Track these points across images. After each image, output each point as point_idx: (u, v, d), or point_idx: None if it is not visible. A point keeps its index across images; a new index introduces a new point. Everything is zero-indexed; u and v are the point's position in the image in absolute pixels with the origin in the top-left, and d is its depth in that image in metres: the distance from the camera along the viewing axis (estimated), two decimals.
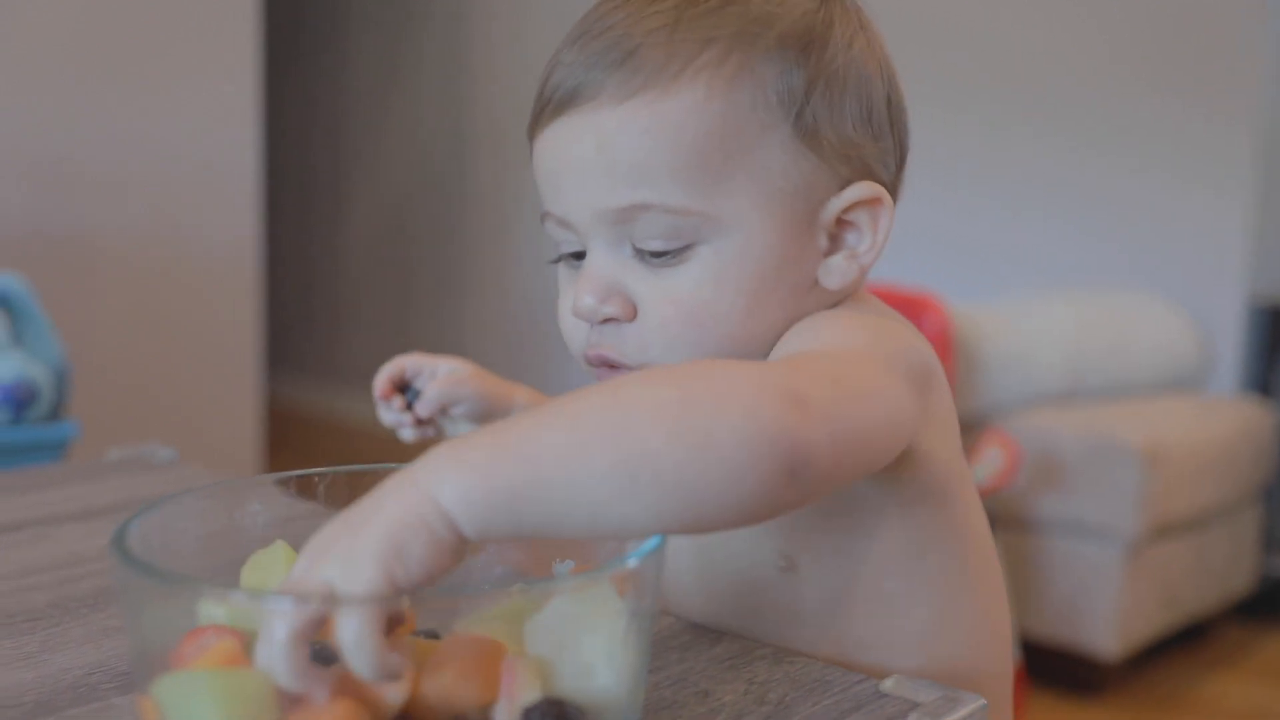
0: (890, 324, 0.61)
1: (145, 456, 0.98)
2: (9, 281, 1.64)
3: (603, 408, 0.46)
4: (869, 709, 0.53)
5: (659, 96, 0.57)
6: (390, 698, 0.42)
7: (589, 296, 0.60)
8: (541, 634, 0.45)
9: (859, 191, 0.60)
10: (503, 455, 0.45)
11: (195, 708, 0.39)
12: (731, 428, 0.45)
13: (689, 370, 0.48)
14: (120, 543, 0.45)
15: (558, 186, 0.61)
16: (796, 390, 0.47)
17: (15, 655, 0.57)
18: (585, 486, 0.44)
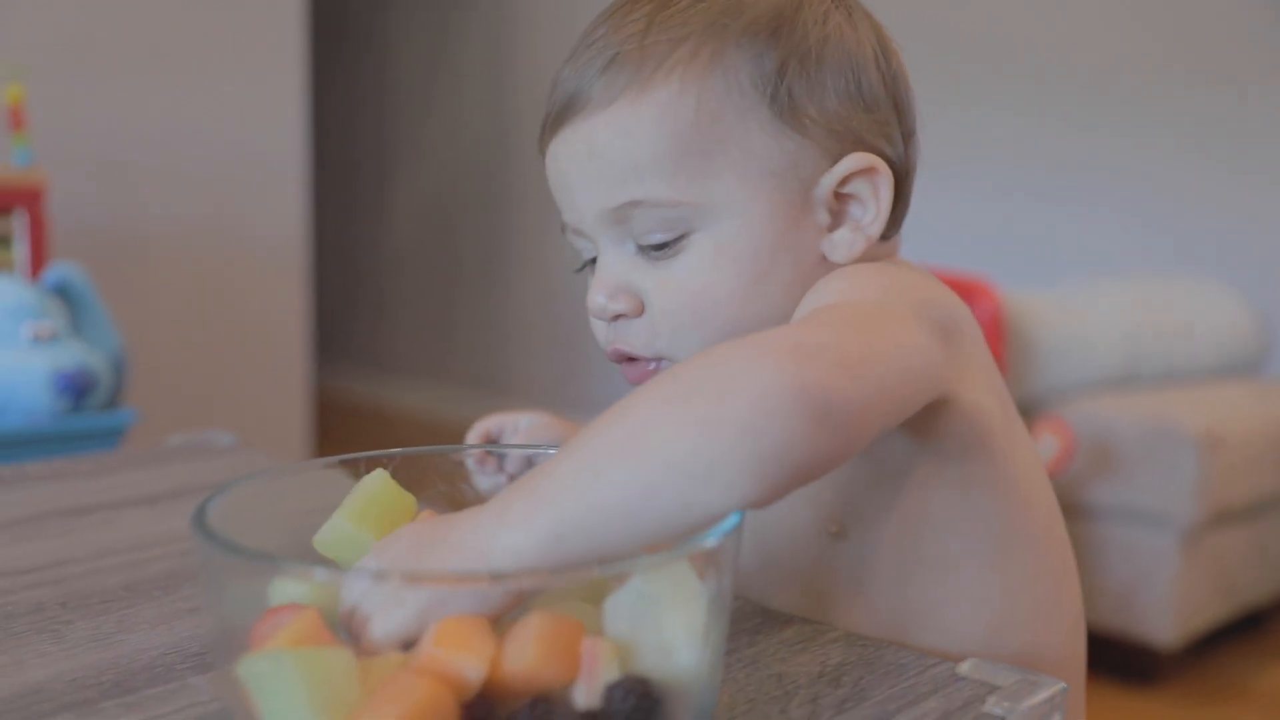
0: (909, 276, 0.60)
1: (207, 442, 0.99)
2: (69, 272, 1.66)
3: (617, 418, 0.47)
4: (946, 692, 0.52)
5: (637, 97, 0.59)
6: (470, 676, 0.42)
7: (599, 296, 0.63)
8: (620, 614, 0.44)
9: (851, 163, 0.60)
10: (537, 501, 0.46)
11: (283, 687, 0.40)
12: (736, 397, 0.45)
13: (691, 360, 0.48)
14: (201, 521, 0.45)
15: (565, 196, 0.64)
16: (798, 342, 0.48)
17: (91, 636, 0.58)
18: (613, 503, 0.45)
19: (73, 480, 0.88)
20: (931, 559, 0.60)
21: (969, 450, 0.59)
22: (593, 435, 0.47)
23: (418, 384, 4.45)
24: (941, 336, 0.56)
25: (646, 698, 0.42)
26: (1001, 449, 0.60)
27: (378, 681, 0.41)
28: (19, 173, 1.95)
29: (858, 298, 0.56)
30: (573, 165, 0.62)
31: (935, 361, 0.55)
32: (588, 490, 0.45)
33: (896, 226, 0.66)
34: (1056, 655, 0.62)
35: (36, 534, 0.75)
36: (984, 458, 0.59)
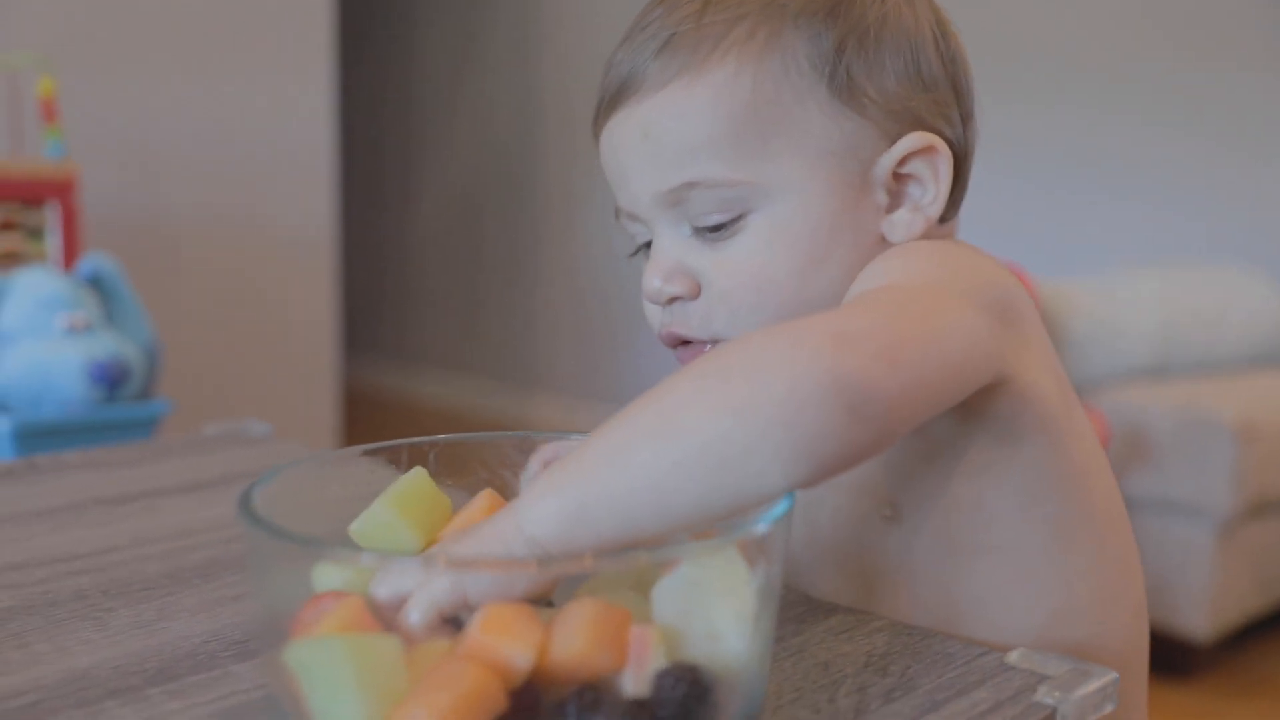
0: (965, 255, 0.59)
1: (243, 431, 0.99)
2: (102, 263, 1.66)
3: (652, 401, 0.47)
4: (996, 682, 0.52)
5: (693, 79, 0.59)
6: (519, 664, 0.41)
7: (654, 279, 0.62)
8: (668, 601, 0.44)
9: (909, 143, 0.60)
10: (570, 472, 0.46)
11: (331, 673, 0.39)
12: (769, 386, 0.45)
13: (731, 344, 0.48)
14: (248, 506, 0.45)
15: (619, 179, 0.64)
16: (840, 329, 0.47)
17: (134, 623, 0.58)
18: (642, 481, 0.45)
19: (111, 469, 0.88)
20: (986, 545, 0.59)
21: (1027, 434, 0.58)
22: (628, 415, 0.47)
23: (444, 376, 4.46)
24: (997, 318, 0.56)
25: (697, 685, 0.41)
26: (1061, 433, 0.59)
27: (425, 669, 0.41)
28: (51, 165, 1.96)
29: (908, 279, 0.56)
30: (627, 148, 0.62)
31: (987, 344, 0.54)
32: (617, 466, 0.46)
33: (955, 209, 0.65)
34: (1117, 647, 0.61)
35: (76, 522, 0.75)
36: (1043, 442, 0.58)
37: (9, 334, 1.57)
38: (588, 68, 3.82)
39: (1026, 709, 0.49)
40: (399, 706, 0.39)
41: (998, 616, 0.59)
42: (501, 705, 0.40)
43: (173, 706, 0.48)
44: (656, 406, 0.47)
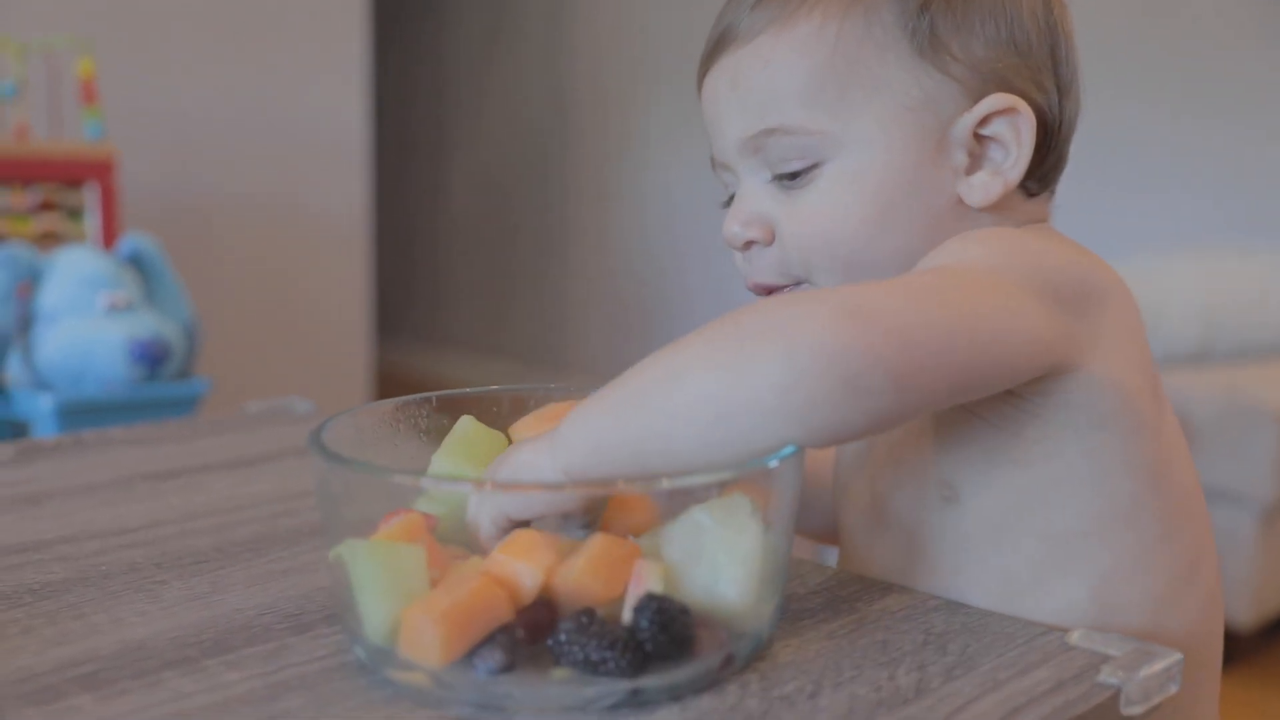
0: (1039, 243, 0.59)
1: (286, 408, 0.99)
2: (142, 243, 1.67)
3: (666, 353, 0.51)
4: (1057, 662, 0.51)
5: (780, 30, 0.61)
6: (527, 583, 0.46)
7: (733, 225, 0.64)
8: (676, 541, 0.48)
9: (991, 104, 0.60)
10: (597, 405, 0.51)
11: (361, 571, 0.47)
12: (767, 349, 0.47)
13: (753, 305, 0.51)
14: (318, 441, 0.51)
15: (713, 129, 0.66)
16: (856, 304, 0.49)
17: (188, 596, 0.58)
18: (649, 427, 0.49)
19: (157, 445, 0.88)
20: (1044, 531, 0.58)
21: (1098, 423, 0.57)
22: (651, 360, 0.51)
23: (475, 359, 4.47)
24: (1070, 307, 0.56)
25: (661, 614, 0.45)
26: (1137, 424, 0.58)
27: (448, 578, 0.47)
28: (90, 146, 1.97)
29: (965, 262, 0.56)
30: (720, 97, 0.64)
31: (1041, 331, 0.54)
32: (632, 408, 0.50)
33: (1047, 184, 0.65)
34: (1179, 639, 0.59)
35: (125, 497, 0.75)
36: (1115, 431, 0.57)
37: (51, 313, 1.58)
38: (619, 52, 3.81)
39: (1090, 689, 0.49)
40: (412, 605, 0.46)
41: (1052, 601, 0.58)
42: (507, 616, 0.46)
43: (231, 677, 0.48)
44: (672, 357, 0.50)
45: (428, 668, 0.46)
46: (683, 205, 3.65)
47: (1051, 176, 0.65)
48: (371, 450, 0.57)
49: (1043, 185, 0.64)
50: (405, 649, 0.46)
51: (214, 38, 2.67)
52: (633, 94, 3.78)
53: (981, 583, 0.59)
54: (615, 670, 0.45)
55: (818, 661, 0.50)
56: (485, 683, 0.46)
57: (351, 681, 0.48)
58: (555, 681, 0.45)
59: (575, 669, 0.45)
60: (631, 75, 3.78)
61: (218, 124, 2.68)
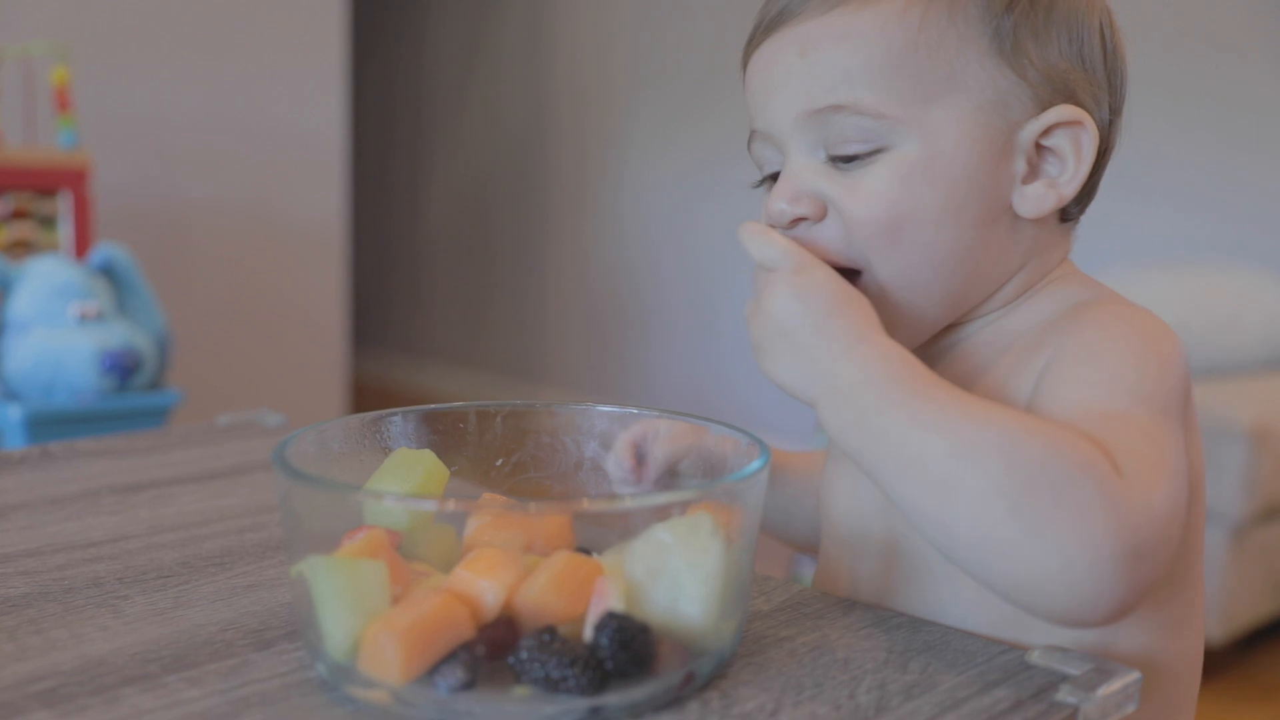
0: (1156, 342, 0.57)
1: (256, 421, 0.99)
2: (114, 252, 1.66)
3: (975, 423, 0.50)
4: (1017, 680, 0.51)
5: (859, 7, 0.59)
6: (489, 600, 0.47)
7: (781, 201, 0.61)
8: (639, 558, 0.48)
9: (1060, 113, 0.59)
10: (891, 391, 0.52)
11: (322, 587, 0.47)
12: (1072, 533, 0.47)
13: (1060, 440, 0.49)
14: (281, 458, 0.51)
15: (763, 99, 0.63)
16: (1132, 503, 0.48)
17: (151, 611, 0.58)
18: (915, 493, 0.50)
19: (125, 457, 0.88)
20: None
21: None
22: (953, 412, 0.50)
23: (452, 370, 4.47)
24: (1184, 423, 0.55)
25: (621, 632, 0.45)
26: (1195, 497, 0.58)
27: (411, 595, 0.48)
28: (64, 154, 1.96)
29: (1135, 393, 0.54)
30: (780, 67, 0.61)
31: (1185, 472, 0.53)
32: (896, 461, 0.51)
33: (1082, 211, 0.64)
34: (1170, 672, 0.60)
35: (91, 510, 0.75)
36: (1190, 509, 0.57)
37: (21, 322, 1.57)
38: (598, 63, 3.82)
39: (1048, 708, 0.49)
40: (373, 622, 0.46)
41: (1053, 637, 0.58)
42: (469, 634, 0.46)
43: (191, 694, 0.48)
44: (975, 434, 0.49)
45: (389, 685, 0.46)
46: (660, 217, 3.65)
47: (1085, 201, 0.64)
48: (337, 465, 0.57)
49: (1078, 209, 0.64)
50: (366, 666, 0.46)
51: (191, 47, 2.66)
52: (611, 105, 3.79)
53: (962, 601, 0.60)
54: (575, 688, 0.45)
55: (779, 679, 0.51)
56: (446, 700, 0.46)
57: (312, 698, 0.48)
58: (516, 699, 0.46)
59: (536, 687, 0.45)
60: (610, 86, 3.79)
61: (194, 131, 2.67)
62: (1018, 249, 0.62)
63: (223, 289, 2.73)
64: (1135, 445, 0.51)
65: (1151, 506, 0.48)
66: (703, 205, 3.48)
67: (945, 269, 0.60)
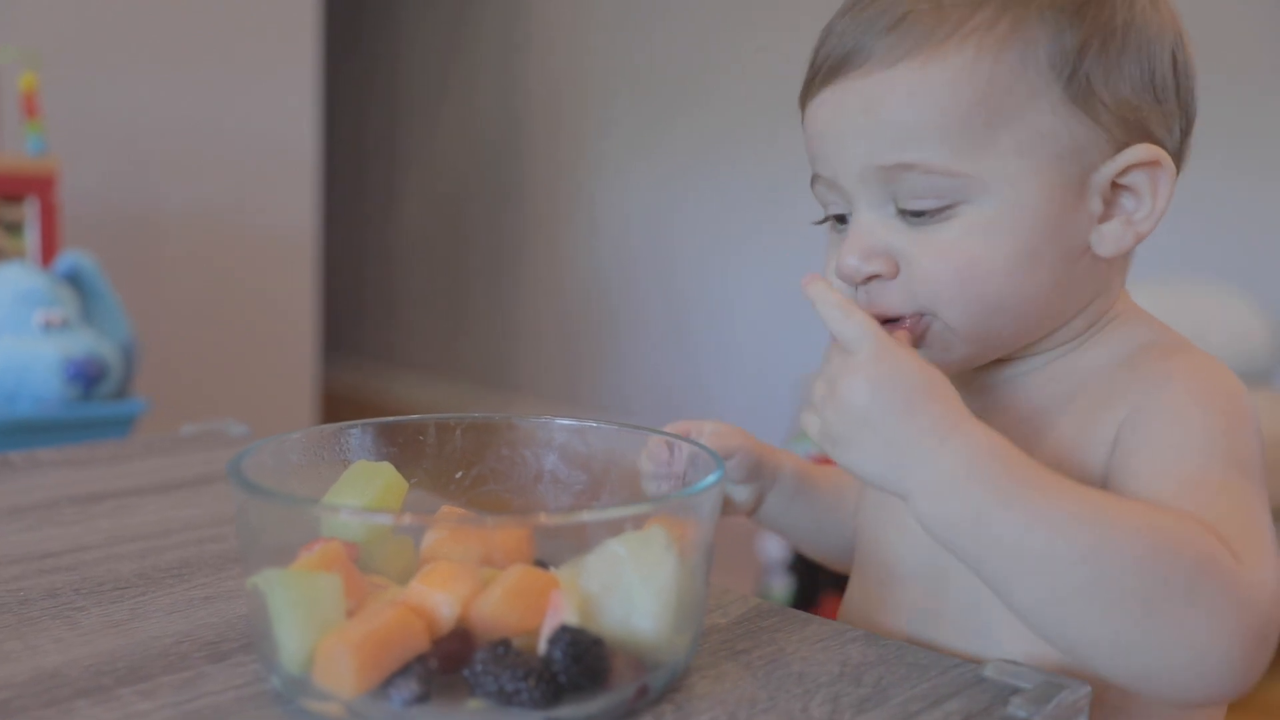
0: (1239, 398, 0.57)
1: (220, 431, 0.98)
2: (80, 260, 1.65)
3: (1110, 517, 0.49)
4: (969, 694, 0.52)
5: (927, 60, 0.57)
6: (445, 613, 0.47)
7: (852, 257, 0.60)
8: (594, 572, 0.48)
9: (1135, 154, 0.58)
10: (1000, 485, 0.50)
11: (275, 600, 0.47)
12: (1203, 631, 0.47)
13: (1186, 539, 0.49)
14: (237, 470, 0.51)
15: (826, 149, 0.61)
16: (1250, 599, 0.48)
17: (105, 623, 0.58)
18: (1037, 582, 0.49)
19: (86, 467, 0.87)
20: None
21: None
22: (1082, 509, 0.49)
23: (426, 379, 4.45)
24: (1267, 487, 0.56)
25: (575, 645, 0.45)
26: None
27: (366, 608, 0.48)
28: (31, 160, 1.95)
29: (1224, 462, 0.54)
30: (845, 120, 0.60)
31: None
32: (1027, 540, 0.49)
33: None
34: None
35: (50, 520, 0.74)
36: None
37: None
38: (574, 71, 3.82)
39: None
40: (328, 635, 0.46)
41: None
42: (422, 646, 0.46)
43: (144, 707, 0.48)
44: (1105, 537, 0.48)
45: (342, 697, 0.46)
46: (636, 226, 3.66)
47: None
48: (296, 478, 0.57)
49: None
50: (320, 678, 0.46)
51: (162, 52, 2.65)
52: (586, 112, 3.80)
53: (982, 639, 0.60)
54: (529, 701, 0.45)
55: (734, 693, 0.51)
56: (400, 713, 0.46)
57: (266, 711, 0.48)
58: (470, 712, 0.46)
59: (489, 700, 0.45)
60: (585, 93, 3.80)
61: (165, 136, 2.66)
62: (1091, 284, 0.61)
63: (194, 296, 2.72)
64: (1240, 520, 0.51)
65: (1267, 585, 0.49)
66: (678, 213, 3.49)
67: (1017, 313, 0.59)
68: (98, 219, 2.48)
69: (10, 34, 2.33)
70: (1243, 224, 2.55)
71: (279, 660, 0.48)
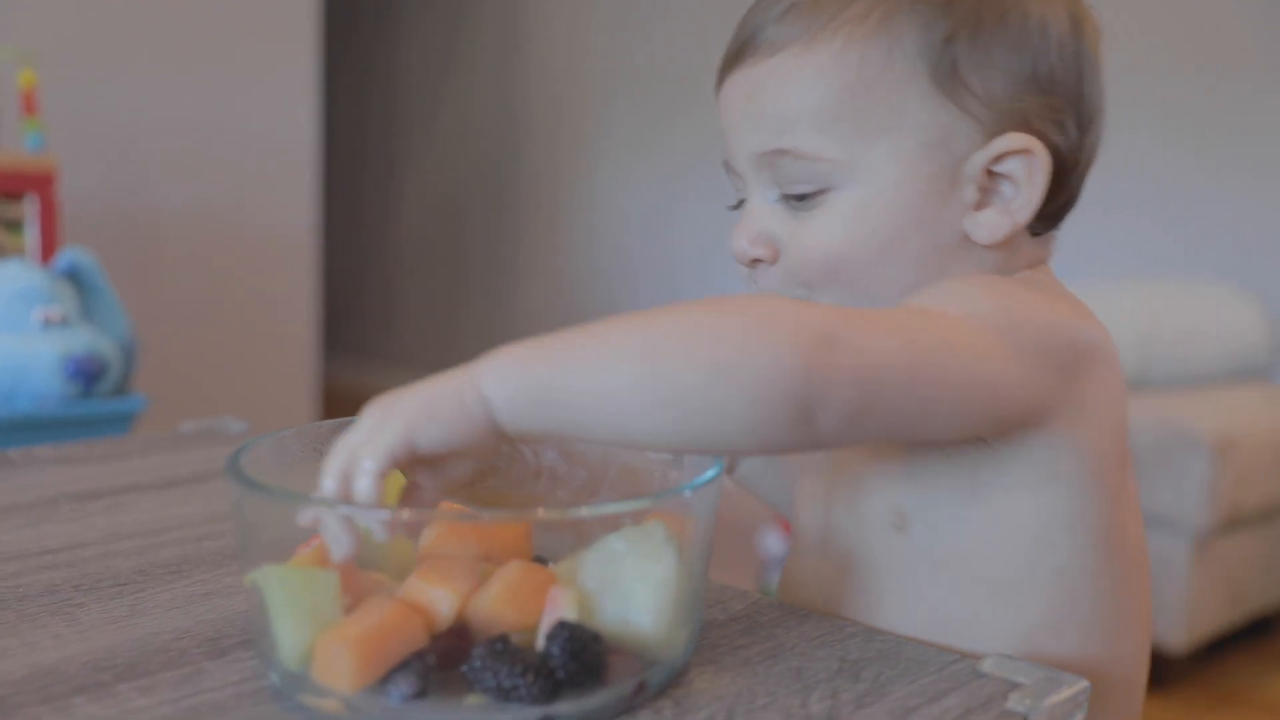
0: (1032, 298, 0.58)
1: (219, 428, 0.98)
2: (80, 257, 1.65)
3: (642, 325, 0.49)
4: (967, 689, 0.52)
5: (802, 50, 0.60)
6: (443, 609, 0.47)
7: (741, 240, 0.63)
8: (592, 568, 0.48)
9: (1005, 143, 0.59)
10: (544, 355, 0.49)
11: (273, 596, 0.47)
12: (750, 359, 0.47)
13: (735, 301, 0.50)
14: (235, 466, 0.50)
15: (728, 135, 0.64)
16: (829, 331, 0.49)
17: (104, 619, 0.58)
18: (610, 395, 0.48)
19: (84, 465, 0.87)
20: (985, 574, 0.59)
21: (1053, 479, 0.57)
22: (622, 326, 0.50)
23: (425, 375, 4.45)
24: (1051, 367, 0.56)
25: (573, 641, 0.45)
26: (1095, 487, 0.58)
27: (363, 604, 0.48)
28: (31, 158, 1.95)
29: (961, 312, 0.55)
30: (736, 107, 0.63)
31: (1011, 387, 0.54)
32: (592, 371, 0.49)
33: (1054, 222, 0.64)
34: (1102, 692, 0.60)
35: (48, 517, 0.74)
36: (1069, 491, 0.58)
37: None
38: (572, 69, 3.82)
39: (998, 716, 0.50)
40: (326, 631, 0.46)
41: (981, 645, 0.59)
42: (421, 642, 0.46)
43: (142, 703, 0.48)
44: (649, 334, 0.49)
45: (341, 693, 0.46)
46: (634, 223, 3.66)
47: (1060, 215, 0.64)
48: (294, 474, 0.57)
49: (1049, 225, 0.64)
50: (319, 674, 0.46)
51: (161, 50, 2.65)
52: (585, 112, 3.80)
53: (915, 616, 0.60)
54: (527, 697, 0.45)
55: (731, 688, 0.51)
56: (398, 709, 0.46)
57: (265, 707, 0.48)
58: (468, 708, 0.46)
59: (488, 696, 0.45)
60: (584, 93, 3.79)
61: (165, 135, 2.66)
62: (982, 269, 0.61)
63: (193, 294, 2.72)
64: (893, 313, 0.54)
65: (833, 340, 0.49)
66: (677, 212, 3.49)
67: (884, 298, 0.60)
68: (97, 218, 2.48)
69: (10, 33, 2.33)
70: (1241, 222, 2.55)
71: (277, 656, 0.48)
